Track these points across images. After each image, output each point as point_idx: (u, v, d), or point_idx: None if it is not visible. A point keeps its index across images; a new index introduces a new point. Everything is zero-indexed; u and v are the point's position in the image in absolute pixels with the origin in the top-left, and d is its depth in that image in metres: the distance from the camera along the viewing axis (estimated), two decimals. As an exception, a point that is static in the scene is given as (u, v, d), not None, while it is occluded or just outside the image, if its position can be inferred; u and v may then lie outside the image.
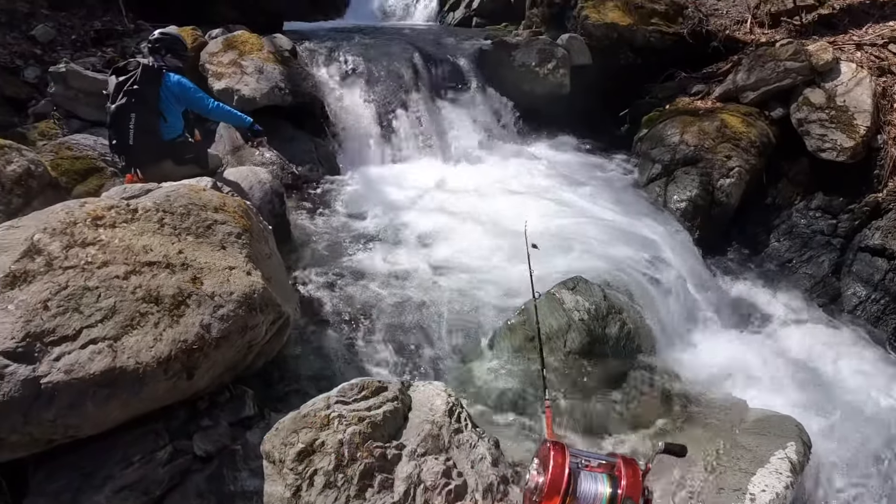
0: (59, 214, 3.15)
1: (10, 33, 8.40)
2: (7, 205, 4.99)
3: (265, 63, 7.43)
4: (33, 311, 2.75)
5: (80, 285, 2.87)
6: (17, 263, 2.89)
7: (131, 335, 2.82)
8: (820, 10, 8.92)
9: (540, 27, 10.47)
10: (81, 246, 3.01)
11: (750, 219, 7.64)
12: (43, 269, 2.90)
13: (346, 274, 5.33)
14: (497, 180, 7.40)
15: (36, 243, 2.99)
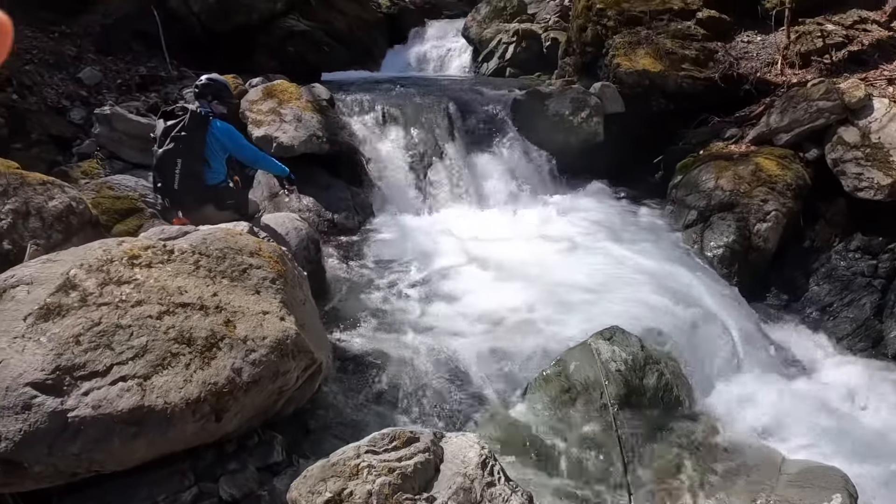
0: (96, 251, 3.16)
1: (57, 74, 8.68)
2: (47, 239, 5.06)
3: (303, 112, 7.55)
4: (65, 344, 2.75)
5: (114, 322, 2.86)
6: (53, 297, 2.91)
7: (161, 375, 2.79)
8: (849, 47, 8.81)
9: (572, 76, 10.54)
10: (117, 284, 3.01)
11: (788, 263, 7.45)
12: (77, 304, 2.90)
13: (379, 322, 5.28)
14: (532, 229, 7.36)
15: (72, 278, 3.00)
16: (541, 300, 5.59)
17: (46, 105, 8.13)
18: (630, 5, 9.85)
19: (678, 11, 9.75)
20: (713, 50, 9.34)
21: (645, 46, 9.36)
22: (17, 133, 7.39)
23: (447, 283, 6.04)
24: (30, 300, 2.95)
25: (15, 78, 8.00)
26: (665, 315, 5.57)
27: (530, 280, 6.03)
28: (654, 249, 7.11)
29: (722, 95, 8.95)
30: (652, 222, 8.05)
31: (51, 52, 8.88)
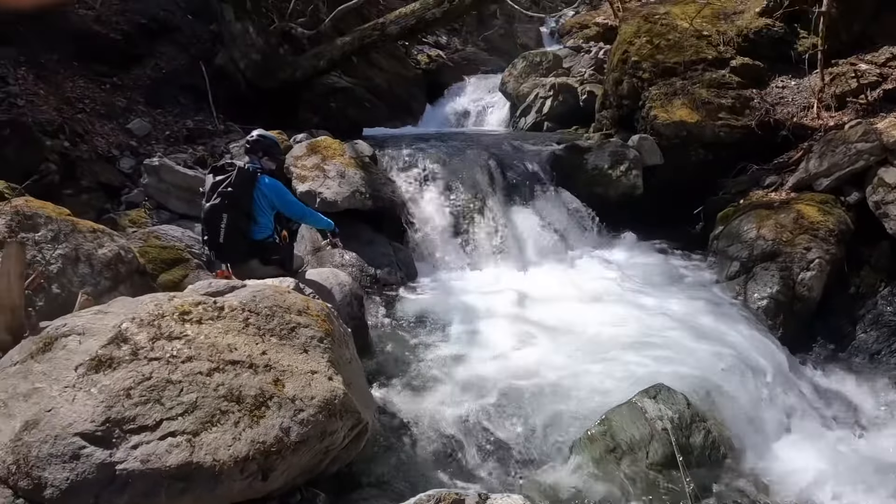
0: (148, 306, 3.20)
1: (108, 124, 8.97)
2: (95, 286, 5.15)
3: (347, 168, 7.68)
4: (115, 397, 2.78)
5: (164, 377, 2.88)
6: (104, 349, 2.95)
7: (210, 432, 2.78)
8: (884, 86, 8.65)
9: (610, 129, 10.58)
10: (168, 339, 3.04)
11: (833, 310, 7.24)
12: (128, 358, 2.93)
13: (422, 379, 5.26)
14: (573, 284, 7.31)
15: (123, 331, 3.04)
16: (584, 357, 5.52)
17: (97, 153, 8.38)
18: (664, 57, 9.90)
19: (712, 61, 9.77)
20: (748, 97, 9.31)
21: (681, 97, 9.37)
22: (68, 179, 7.61)
23: (490, 340, 5.99)
24: (81, 350, 2.99)
25: (67, 126, 8.29)
26: (710, 370, 5.45)
27: (573, 336, 5.97)
28: (698, 303, 6.99)
29: (760, 143, 8.90)
30: (694, 274, 7.94)
31: (102, 102, 9.21)
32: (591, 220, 8.88)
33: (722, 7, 10.51)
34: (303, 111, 11.02)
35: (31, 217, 5.17)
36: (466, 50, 17.47)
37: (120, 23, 10.10)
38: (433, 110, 14.70)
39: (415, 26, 10.13)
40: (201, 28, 11.20)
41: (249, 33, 10.53)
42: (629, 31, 10.47)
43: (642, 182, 9.09)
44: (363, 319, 5.73)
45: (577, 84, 12.74)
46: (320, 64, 10.79)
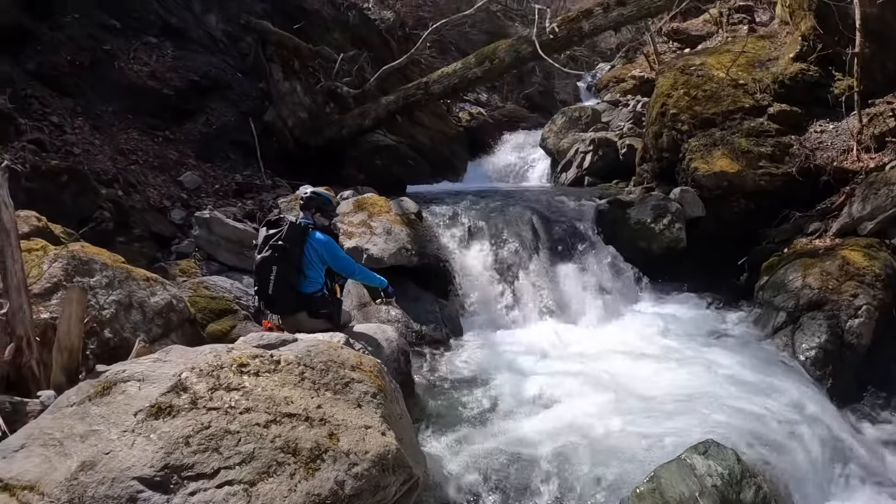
0: (207, 357, 3.28)
1: (160, 176, 9.28)
2: (147, 332, 5.29)
3: (393, 225, 7.81)
4: (175, 444, 2.83)
5: (222, 427, 2.93)
6: (164, 397, 3.02)
7: (266, 482, 2.81)
8: None
9: (651, 182, 10.61)
10: (226, 390, 3.10)
11: (883, 357, 7.05)
12: (188, 406, 3.00)
13: (467, 436, 5.23)
14: (618, 340, 7.27)
15: (183, 381, 3.11)
16: (631, 413, 5.46)
17: (149, 204, 8.67)
18: (702, 108, 9.95)
19: (749, 109, 9.79)
20: (788, 144, 9.30)
21: (720, 147, 9.39)
22: (121, 227, 7.84)
23: (535, 397, 5.95)
24: (141, 396, 3.06)
25: (121, 176, 8.60)
26: (760, 425, 5.36)
27: (619, 392, 5.91)
28: (745, 356, 6.91)
29: (801, 189, 8.86)
30: (740, 327, 7.86)
31: (155, 155, 9.56)
32: (635, 274, 8.86)
33: (756, 55, 10.59)
34: (348, 168, 11.30)
35: (87, 262, 5.36)
36: (507, 107, 17.82)
37: (173, 79, 10.54)
38: (475, 167, 14.90)
39: (457, 85, 10.41)
40: (251, 86, 11.61)
41: (297, 92, 10.92)
42: (666, 84, 10.59)
43: (685, 235, 9.08)
44: (410, 375, 5.75)
45: (617, 138, 12.85)
46: (365, 122, 11.10)
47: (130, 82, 9.99)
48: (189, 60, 11.08)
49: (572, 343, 7.22)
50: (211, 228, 7.82)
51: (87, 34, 9.92)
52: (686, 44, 15.66)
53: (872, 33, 8.89)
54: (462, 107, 16.81)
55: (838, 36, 9.08)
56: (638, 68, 16.73)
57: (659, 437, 5.10)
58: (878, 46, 9.06)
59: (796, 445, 5.26)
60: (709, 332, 7.68)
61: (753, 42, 11.03)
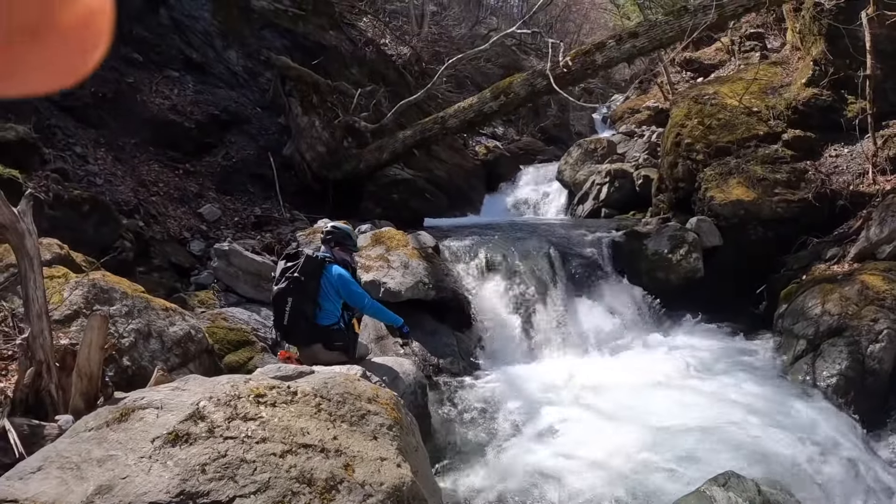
0: (224, 386, 3.32)
1: (180, 208, 9.44)
2: (165, 362, 5.32)
3: (410, 258, 7.85)
4: (191, 471, 2.84)
5: (239, 456, 2.95)
6: (182, 424, 3.04)
7: (282, 512, 2.82)
8: None
9: (667, 212, 10.62)
10: (243, 419, 3.13)
11: None
12: (205, 435, 3.02)
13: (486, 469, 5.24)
14: (638, 372, 7.22)
15: (201, 409, 3.14)
16: (651, 445, 5.42)
17: (169, 235, 8.83)
18: (717, 137, 10.02)
19: (764, 136, 9.85)
20: (803, 170, 9.31)
21: (736, 176, 9.43)
22: (141, 257, 7.97)
23: (553, 430, 5.95)
24: (159, 424, 3.08)
25: (143, 207, 8.76)
26: (782, 455, 5.33)
27: (639, 424, 5.87)
28: (765, 385, 6.87)
29: (818, 215, 8.87)
30: (760, 356, 7.80)
31: (175, 187, 9.74)
32: (653, 305, 8.83)
33: (769, 82, 10.69)
34: (366, 202, 11.41)
35: (108, 291, 5.44)
36: (523, 140, 17.98)
37: (194, 113, 10.77)
38: (492, 200, 15.00)
39: (473, 119, 10.50)
40: (270, 120, 11.84)
41: (315, 126, 11.09)
42: (680, 114, 10.66)
43: (703, 264, 9.05)
44: (426, 408, 5.74)
45: (632, 169, 12.90)
46: (383, 156, 11.21)
47: (152, 115, 10.22)
48: (210, 95, 11.33)
49: (590, 376, 7.17)
50: (230, 260, 7.91)
51: (110, 66, 10.17)
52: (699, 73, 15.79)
53: (884, 54, 8.96)
54: (479, 140, 16.97)
55: (849, 59, 9.18)
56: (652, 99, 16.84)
57: (678, 470, 5.09)
58: (890, 67, 9.12)
59: (818, 475, 5.20)
60: (728, 362, 7.61)
61: (765, 69, 11.13)
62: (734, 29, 14.51)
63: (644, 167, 12.83)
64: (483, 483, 5.04)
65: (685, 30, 8.88)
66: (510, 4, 27.97)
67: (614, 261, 9.21)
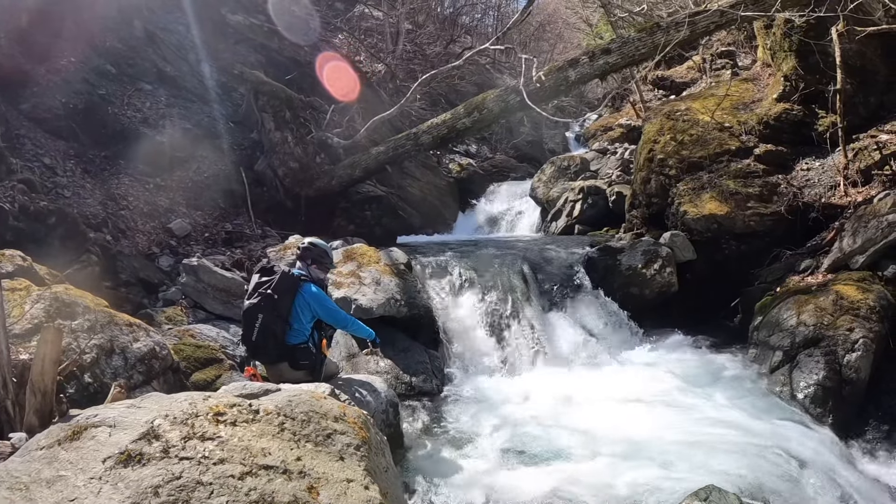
0: (182, 404, 3.17)
1: (150, 223, 9.28)
2: (128, 379, 5.19)
3: (382, 275, 7.75)
4: (142, 493, 2.69)
5: (194, 478, 2.80)
6: (135, 444, 2.89)
7: (239, 538, 2.68)
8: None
9: (641, 228, 10.67)
10: (200, 439, 2.98)
11: (884, 389, 6.96)
12: (159, 455, 2.87)
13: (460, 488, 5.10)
14: (612, 387, 7.14)
15: (155, 428, 2.99)
16: (628, 461, 5.35)
17: (137, 249, 8.68)
18: (689, 152, 10.09)
19: (736, 151, 9.94)
20: (775, 183, 9.38)
21: (709, 190, 9.48)
22: (108, 272, 7.81)
23: (528, 448, 5.83)
24: (111, 443, 2.94)
25: (111, 221, 8.58)
26: (761, 468, 5.26)
27: (615, 441, 5.79)
28: (742, 398, 6.84)
29: (791, 228, 8.93)
30: (736, 369, 7.75)
31: (145, 201, 9.58)
32: (628, 320, 8.79)
33: (740, 98, 10.80)
34: (338, 218, 11.35)
35: (70, 305, 5.30)
36: (496, 157, 18.06)
37: (165, 126, 10.62)
38: (465, 217, 15.00)
39: (446, 135, 10.46)
40: (242, 135, 11.73)
41: (288, 142, 10.99)
42: (653, 130, 10.73)
43: (677, 279, 9.06)
44: (399, 427, 5.63)
45: (606, 186, 12.95)
46: (355, 173, 11.13)
47: (124, 128, 10.08)
48: (182, 108, 11.21)
49: (565, 391, 7.07)
50: (198, 276, 7.76)
51: (82, 78, 10.02)
52: (671, 91, 15.98)
53: (853, 69, 9.11)
54: (452, 158, 16.99)
55: (820, 74, 9.31)
56: (625, 116, 17.00)
57: (658, 485, 5.00)
58: (860, 81, 9.28)
59: (798, 487, 5.15)
60: (704, 376, 7.58)
61: (737, 85, 11.26)
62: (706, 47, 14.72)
63: (617, 184, 12.88)
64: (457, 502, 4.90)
65: (657, 46, 8.92)
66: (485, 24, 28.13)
67: (588, 276, 9.18)
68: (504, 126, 18.19)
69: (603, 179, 13.64)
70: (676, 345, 8.63)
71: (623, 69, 10.51)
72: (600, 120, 18.76)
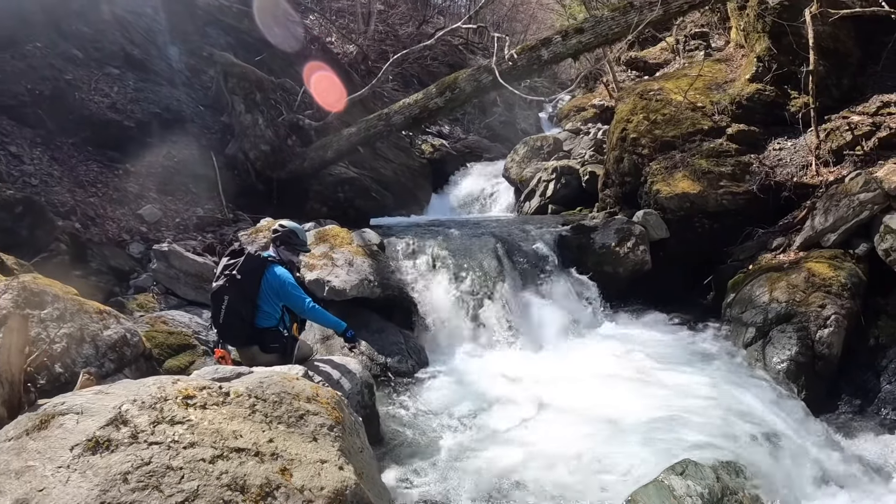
0: (150, 388, 3.12)
1: (120, 209, 9.10)
2: (100, 367, 5.12)
3: (355, 256, 7.71)
4: (111, 481, 2.65)
5: (164, 463, 2.77)
6: (102, 430, 2.85)
7: (210, 523, 2.65)
8: (878, 134, 8.74)
9: (614, 207, 10.73)
10: (170, 423, 2.94)
11: (856, 365, 7.09)
12: (127, 441, 2.83)
13: (436, 468, 5.11)
14: (587, 364, 7.20)
15: (123, 413, 2.94)
16: (605, 438, 5.40)
17: (107, 237, 8.51)
18: (662, 132, 10.13)
19: (708, 131, 9.99)
20: (748, 163, 9.46)
21: (681, 169, 9.54)
22: (78, 261, 7.66)
23: (505, 426, 5.86)
24: (78, 430, 2.89)
25: (80, 208, 8.41)
26: (737, 442, 5.33)
27: (592, 418, 5.84)
28: (716, 373, 6.91)
29: (763, 206, 9.01)
30: (710, 345, 7.87)
31: (115, 187, 9.38)
32: (602, 298, 8.86)
33: (713, 78, 10.84)
34: (311, 201, 11.22)
35: (39, 294, 5.18)
36: (469, 138, 18.00)
37: (135, 111, 10.39)
38: (439, 198, 15.00)
39: (419, 115, 10.37)
40: (213, 119, 11.53)
41: (259, 125, 10.83)
42: (626, 109, 10.74)
43: (650, 257, 9.14)
44: (374, 408, 5.61)
45: (579, 165, 13.01)
46: (327, 155, 11.01)
47: (91, 114, 9.82)
48: (151, 93, 10.96)
49: (540, 370, 7.12)
50: (170, 262, 7.65)
51: (48, 64, 9.76)
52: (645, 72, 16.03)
53: (826, 51, 9.18)
54: (425, 139, 16.91)
55: (793, 55, 9.37)
56: (598, 97, 17.04)
57: (635, 460, 5.06)
58: (832, 63, 9.36)
59: (773, 460, 5.23)
60: (678, 352, 7.67)
61: (710, 66, 11.29)
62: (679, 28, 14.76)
63: (590, 163, 12.94)
64: (434, 483, 4.91)
65: (630, 25, 8.91)
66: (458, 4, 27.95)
67: (562, 255, 9.22)
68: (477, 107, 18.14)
69: (576, 159, 13.69)
70: (650, 322, 8.73)
71: (596, 49, 10.51)
72: (573, 100, 18.77)
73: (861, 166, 8.42)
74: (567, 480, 4.89)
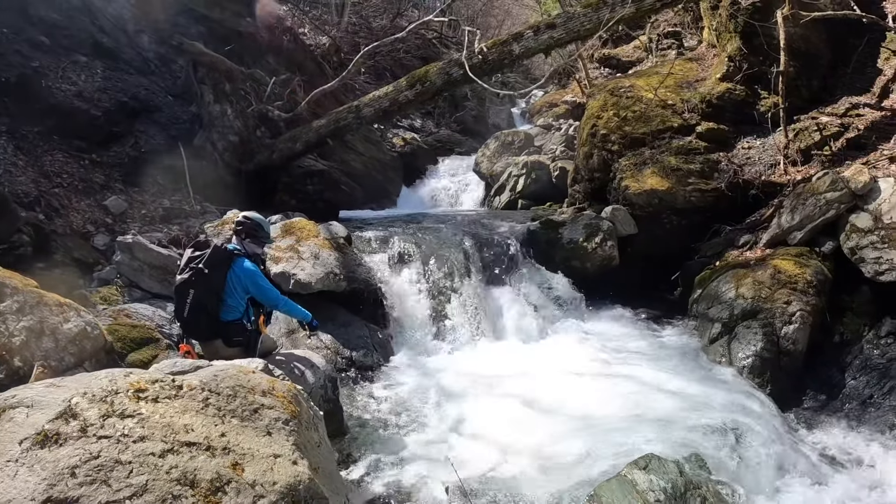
0: (101, 381, 3.08)
1: (85, 200, 8.95)
2: (59, 361, 5.07)
3: (321, 249, 7.66)
4: (59, 475, 2.62)
5: (113, 457, 2.74)
6: (51, 424, 2.81)
7: (160, 518, 2.62)
8: (846, 135, 8.90)
9: (583, 202, 10.77)
10: (120, 417, 2.91)
11: (821, 361, 7.20)
12: (76, 434, 2.79)
13: (400, 462, 5.13)
14: (554, 360, 7.23)
15: (73, 406, 2.90)
16: (568, 433, 5.43)
17: (72, 229, 8.37)
18: (632, 128, 10.18)
19: (678, 128, 10.06)
20: (716, 161, 9.54)
21: (650, 166, 9.59)
22: (41, 252, 7.53)
23: (469, 421, 5.88)
24: (28, 424, 2.84)
25: (44, 199, 8.27)
26: (701, 436, 5.40)
27: (556, 412, 5.88)
28: (682, 369, 7.00)
29: (731, 204, 9.10)
30: (676, 341, 7.94)
31: (80, 178, 9.22)
32: (569, 293, 8.89)
33: (684, 76, 10.92)
34: (280, 193, 11.16)
35: (-2, 286, 5.08)
36: (440, 132, 17.99)
37: (102, 100, 10.20)
38: (409, 192, 14.97)
39: (389, 108, 10.34)
40: (181, 109, 11.35)
41: (228, 115, 10.73)
42: (596, 106, 10.79)
43: (618, 253, 9.20)
44: (338, 402, 5.59)
45: (549, 161, 13.06)
46: (297, 146, 10.93)
47: (58, 102, 9.63)
48: (119, 81, 10.77)
49: (506, 364, 7.15)
50: (134, 254, 7.53)
51: (14, 50, 9.55)
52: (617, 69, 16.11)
53: (797, 52, 9.31)
54: (396, 132, 16.86)
55: (763, 56, 9.48)
56: (570, 93, 17.11)
57: (598, 455, 5.10)
58: (803, 64, 9.49)
59: (737, 455, 5.30)
60: (645, 347, 7.75)
61: (681, 64, 11.38)
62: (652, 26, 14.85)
63: (561, 159, 13.00)
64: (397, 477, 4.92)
65: (602, 22, 8.96)
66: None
67: (530, 250, 9.25)
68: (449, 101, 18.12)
69: (547, 155, 13.75)
70: (618, 317, 8.80)
71: (568, 44, 10.56)
72: (546, 96, 18.83)
73: (829, 166, 8.53)
74: (530, 474, 4.92)
